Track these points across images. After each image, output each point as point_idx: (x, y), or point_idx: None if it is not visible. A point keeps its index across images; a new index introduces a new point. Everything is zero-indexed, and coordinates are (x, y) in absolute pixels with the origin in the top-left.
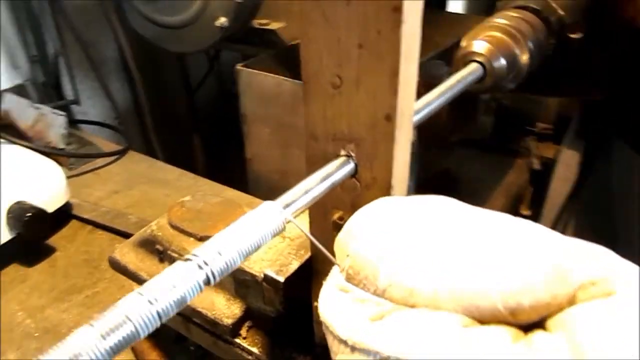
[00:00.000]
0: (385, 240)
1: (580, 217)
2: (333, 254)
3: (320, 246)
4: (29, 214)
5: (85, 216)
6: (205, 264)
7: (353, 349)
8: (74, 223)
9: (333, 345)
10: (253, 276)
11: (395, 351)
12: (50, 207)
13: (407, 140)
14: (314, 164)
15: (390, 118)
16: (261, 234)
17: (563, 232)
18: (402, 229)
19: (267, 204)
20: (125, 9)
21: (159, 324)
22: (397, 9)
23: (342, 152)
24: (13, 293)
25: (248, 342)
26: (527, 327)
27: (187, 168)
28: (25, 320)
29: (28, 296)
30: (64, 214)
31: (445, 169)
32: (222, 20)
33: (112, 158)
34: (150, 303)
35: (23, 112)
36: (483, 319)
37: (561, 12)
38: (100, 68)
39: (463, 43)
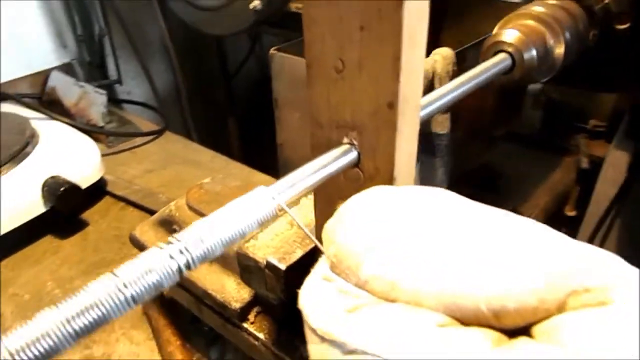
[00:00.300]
0: (373, 230)
1: (627, 220)
2: None
3: (309, 234)
4: (63, 188)
5: (119, 193)
6: (187, 250)
7: (322, 339)
8: (107, 199)
9: (307, 334)
10: (256, 262)
11: (362, 345)
12: (84, 182)
13: (413, 130)
14: (318, 152)
15: (392, 105)
16: (248, 221)
17: (606, 236)
18: (392, 221)
19: (260, 189)
20: None
21: (132, 307)
22: None
23: (345, 140)
24: (45, 264)
25: (255, 327)
26: (513, 334)
27: (223, 151)
28: (54, 290)
29: (59, 267)
30: (99, 190)
31: (486, 164)
32: (256, 3)
33: (150, 138)
34: (125, 287)
35: (68, 89)
36: (466, 321)
37: (607, 1)
38: (144, 50)
39: (494, 31)
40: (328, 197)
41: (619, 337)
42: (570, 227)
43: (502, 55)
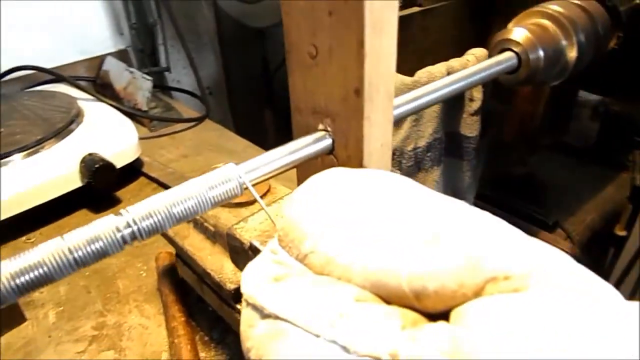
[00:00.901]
0: (320, 208)
1: None
2: None
3: (266, 209)
4: (98, 165)
5: (152, 175)
6: (134, 222)
7: (247, 303)
8: (142, 180)
9: (243, 300)
10: (242, 243)
11: (277, 310)
12: (119, 162)
13: (385, 119)
14: (299, 136)
15: (358, 92)
16: (206, 197)
17: None
18: (341, 200)
19: (228, 166)
20: None
21: (75, 269)
22: None
23: (320, 127)
24: None
25: None
26: (439, 319)
27: (259, 142)
28: None
29: None
30: (135, 170)
31: (533, 172)
32: None
33: (189, 124)
34: (69, 251)
35: (119, 74)
36: (390, 300)
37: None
38: (196, 41)
39: (508, 27)
40: None
41: (522, 323)
42: (619, 248)
43: (508, 54)
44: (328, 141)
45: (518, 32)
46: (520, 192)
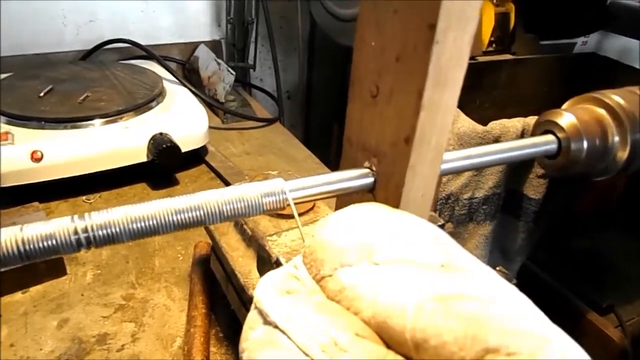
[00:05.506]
0: (349, 237)
1: None
2: None
3: (300, 225)
4: (165, 145)
5: (213, 165)
6: (90, 229)
7: (255, 306)
8: (202, 167)
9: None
10: (269, 255)
11: (276, 320)
12: (185, 146)
13: (431, 171)
14: (345, 166)
15: (408, 140)
16: (245, 204)
17: None
18: (371, 235)
19: (276, 180)
20: None
21: (24, 261)
22: (432, 27)
23: (366, 164)
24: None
25: None
26: None
27: (321, 154)
28: None
29: None
30: (198, 157)
31: (595, 249)
32: None
33: (259, 124)
34: (22, 242)
35: (207, 63)
36: (391, 344)
37: None
38: (287, 44)
39: (563, 107)
40: None
41: None
42: None
43: (548, 137)
44: (370, 180)
45: (566, 116)
46: (579, 265)
